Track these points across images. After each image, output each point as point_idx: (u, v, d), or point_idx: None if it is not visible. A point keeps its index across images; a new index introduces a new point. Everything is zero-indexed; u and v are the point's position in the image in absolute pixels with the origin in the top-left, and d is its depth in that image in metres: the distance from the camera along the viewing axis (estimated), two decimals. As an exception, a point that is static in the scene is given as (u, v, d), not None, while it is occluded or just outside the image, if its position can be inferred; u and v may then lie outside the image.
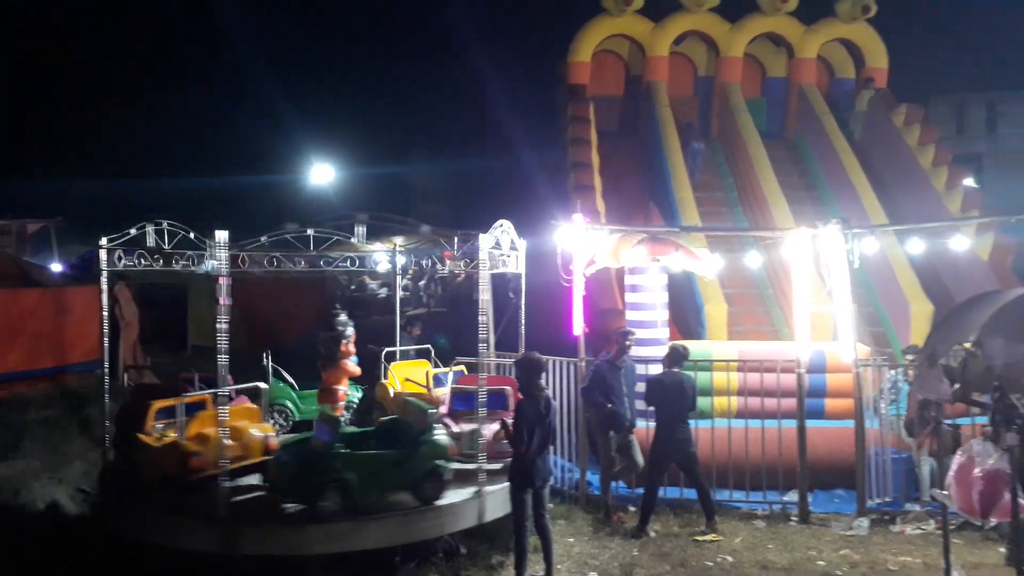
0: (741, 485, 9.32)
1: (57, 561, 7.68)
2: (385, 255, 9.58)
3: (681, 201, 14.47)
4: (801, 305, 9.43)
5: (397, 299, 10.88)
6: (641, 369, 9.34)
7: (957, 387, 6.08)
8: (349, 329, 8.75)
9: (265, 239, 7.68)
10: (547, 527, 7.29)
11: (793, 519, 8.95)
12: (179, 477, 7.24)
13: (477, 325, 7.88)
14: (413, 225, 8.40)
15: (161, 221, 7.59)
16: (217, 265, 6.80)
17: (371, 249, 9.32)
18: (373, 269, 8.98)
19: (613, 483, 9.23)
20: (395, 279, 10.92)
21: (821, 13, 17.68)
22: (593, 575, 7.56)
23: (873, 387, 9.48)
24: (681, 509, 9.02)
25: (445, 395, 9.13)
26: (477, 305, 7.89)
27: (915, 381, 7.65)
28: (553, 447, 7.74)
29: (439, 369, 9.74)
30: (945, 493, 6.23)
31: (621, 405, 8.91)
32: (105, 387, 8.25)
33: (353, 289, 22.07)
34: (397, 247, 9.45)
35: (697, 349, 9.64)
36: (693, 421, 8.82)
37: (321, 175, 33.34)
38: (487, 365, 10.45)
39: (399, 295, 11.02)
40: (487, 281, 7.79)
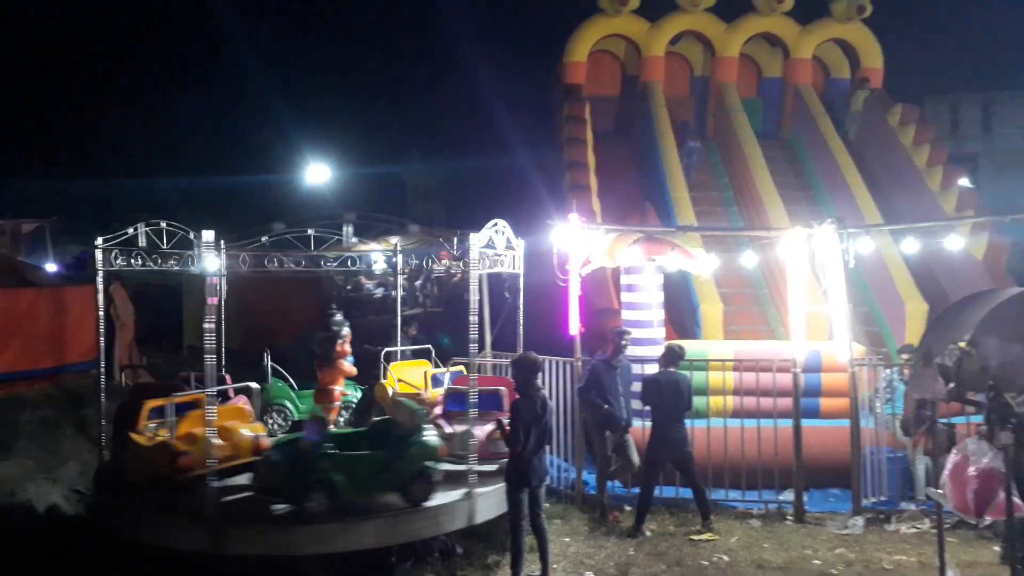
0: (737, 484, 9.33)
1: (52, 562, 7.66)
2: (382, 255, 9.57)
3: (677, 201, 14.50)
4: (796, 305, 9.45)
5: (398, 299, 10.89)
6: (637, 369, 9.34)
7: (952, 386, 6.07)
8: (345, 329, 8.76)
9: (266, 239, 7.67)
10: (543, 527, 7.29)
11: (789, 518, 8.97)
12: (168, 477, 7.22)
13: (474, 326, 7.87)
14: (401, 224, 8.38)
15: (158, 221, 7.58)
16: (207, 265, 6.80)
17: (367, 249, 9.32)
18: (369, 269, 8.95)
19: (609, 483, 9.23)
20: (396, 279, 10.93)
21: (816, 13, 17.72)
22: (589, 574, 7.56)
23: (868, 386, 9.51)
24: (677, 508, 9.03)
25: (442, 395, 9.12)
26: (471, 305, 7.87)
27: (910, 380, 7.65)
28: (549, 447, 7.75)
29: (438, 369, 9.73)
30: (940, 492, 6.24)
31: (617, 405, 8.92)
32: (101, 387, 8.23)
33: (349, 289, 22.03)
34: (398, 247, 9.44)
35: (693, 348, 9.66)
36: (689, 421, 8.83)
37: (317, 175, 33.32)
38: (484, 365, 10.50)
39: (399, 295, 11.02)
40: (477, 280, 7.75)
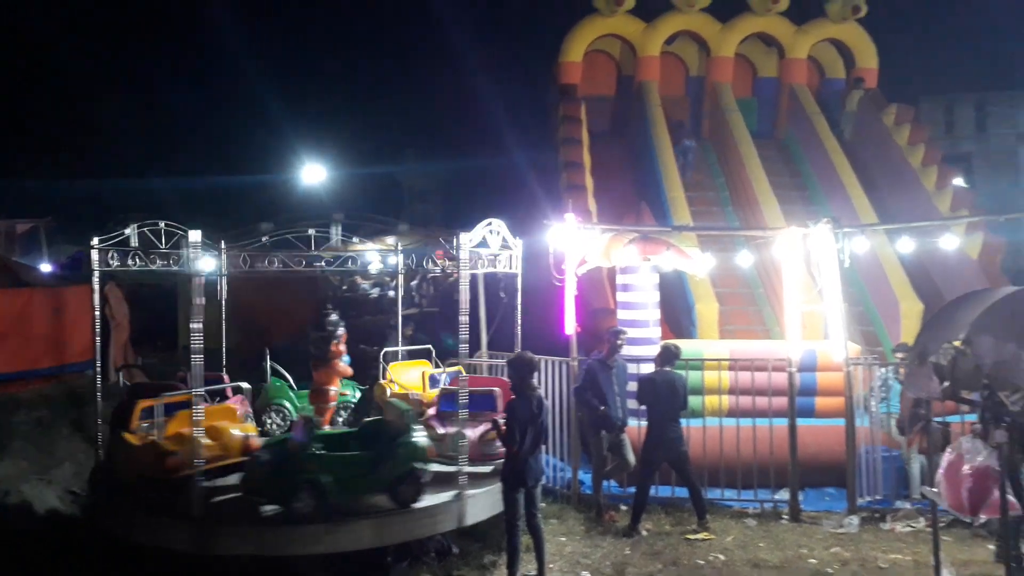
0: (732, 484, 9.34)
1: (47, 562, 7.64)
2: (378, 255, 9.56)
3: (672, 201, 14.50)
4: (792, 304, 9.47)
5: (399, 299, 10.90)
6: (633, 368, 9.35)
7: (947, 385, 6.08)
8: (340, 329, 8.76)
9: (266, 239, 7.67)
10: (539, 526, 7.29)
11: (784, 517, 8.98)
12: (156, 476, 7.20)
13: (469, 325, 7.87)
14: (390, 224, 8.38)
15: (156, 221, 7.57)
16: (194, 265, 6.80)
17: (364, 248, 9.31)
18: (364, 269, 8.95)
19: (605, 482, 9.25)
20: (397, 279, 10.95)
21: (812, 13, 17.71)
22: (585, 574, 7.56)
23: (863, 385, 9.53)
24: (673, 508, 9.04)
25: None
26: (469, 306, 7.86)
27: (905, 379, 7.68)
28: (545, 446, 7.75)
29: (437, 370, 9.72)
30: (935, 490, 6.26)
31: (612, 404, 8.93)
32: (97, 387, 8.21)
33: (345, 289, 22.01)
34: (399, 247, 9.44)
35: (688, 348, 9.65)
36: (684, 420, 8.83)
37: (313, 175, 33.26)
38: (480, 365, 10.49)
39: (400, 295, 11.03)
40: (468, 280, 7.74)
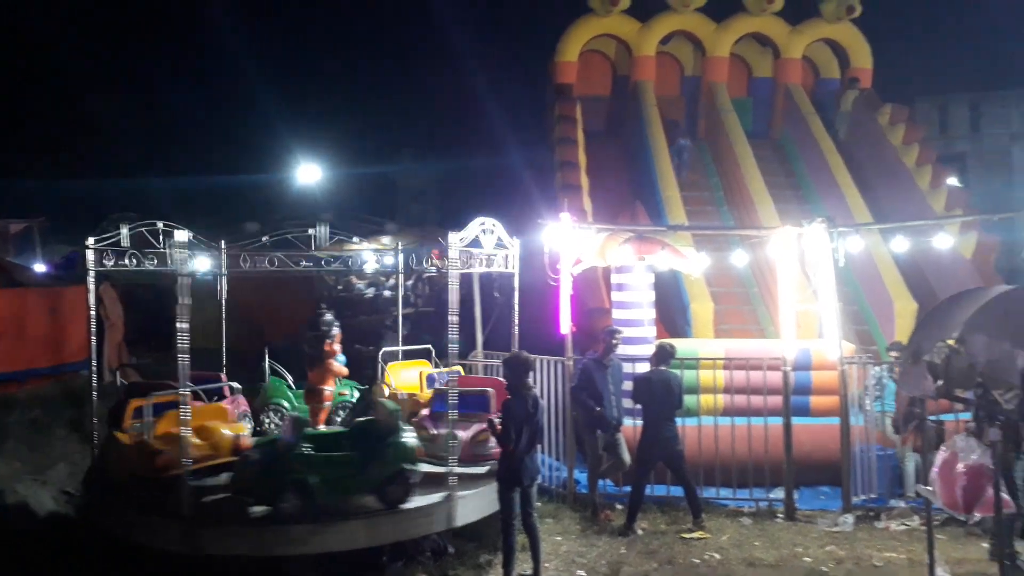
0: (727, 483, 9.36)
1: (42, 561, 7.62)
2: (373, 255, 9.56)
3: (667, 200, 14.53)
4: (787, 303, 9.48)
5: (399, 298, 10.89)
6: (628, 367, 9.35)
7: (940, 383, 6.11)
8: (334, 329, 8.74)
9: (267, 239, 7.67)
10: (535, 526, 7.29)
11: (779, 516, 8.99)
12: (147, 475, 7.19)
13: (465, 325, 7.85)
14: (380, 223, 8.39)
15: (153, 221, 7.56)
16: (180, 265, 6.80)
17: (361, 248, 9.30)
18: (359, 268, 8.95)
19: (600, 481, 9.25)
20: (397, 279, 10.95)
21: (806, 13, 17.78)
22: (581, 573, 7.56)
23: (858, 384, 9.55)
24: (668, 507, 9.05)
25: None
26: (465, 306, 7.85)
27: (899, 378, 7.70)
28: (541, 446, 7.75)
29: (436, 370, 9.70)
30: (929, 489, 6.28)
31: (608, 404, 8.93)
32: (93, 387, 8.19)
33: (340, 289, 22.00)
34: (399, 246, 9.43)
35: (683, 347, 9.67)
36: (680, 419, 8.84)
37: (308, 175, 33.23)
38: (475, 365, 10.49)
39: (400, 295, 11.02)
40: (457, 279, 7.72)
